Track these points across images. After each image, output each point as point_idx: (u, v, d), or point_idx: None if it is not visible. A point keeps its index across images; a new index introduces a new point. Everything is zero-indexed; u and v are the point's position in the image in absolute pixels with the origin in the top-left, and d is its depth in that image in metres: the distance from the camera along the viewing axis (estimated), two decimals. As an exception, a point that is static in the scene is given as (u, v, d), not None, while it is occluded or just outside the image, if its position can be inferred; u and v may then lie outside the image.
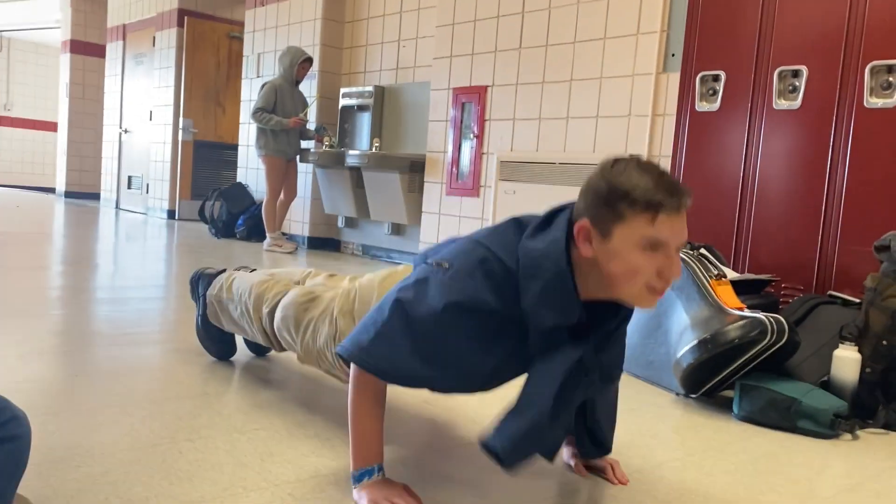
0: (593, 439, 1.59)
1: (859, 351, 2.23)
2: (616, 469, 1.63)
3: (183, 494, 1.37)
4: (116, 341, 2.56)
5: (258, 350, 2.49)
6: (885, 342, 2.20)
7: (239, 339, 2.42)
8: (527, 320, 1.30)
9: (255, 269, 2.37)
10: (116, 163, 9.58)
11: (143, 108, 8.87)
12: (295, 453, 1.63)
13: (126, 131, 9.34)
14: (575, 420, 1.56)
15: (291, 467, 1.54)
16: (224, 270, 2.34)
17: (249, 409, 1.93)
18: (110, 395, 1.96)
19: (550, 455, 1.36)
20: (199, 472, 1.48)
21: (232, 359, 2.41)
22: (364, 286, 1.75)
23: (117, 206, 9.60)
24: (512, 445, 1.29)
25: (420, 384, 1.41)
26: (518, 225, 1.37)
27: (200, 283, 2.35)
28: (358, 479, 1.38)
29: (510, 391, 1.45)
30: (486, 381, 1.41)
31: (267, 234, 6.00)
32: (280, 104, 5.77)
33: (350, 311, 1.71)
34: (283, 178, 5.90)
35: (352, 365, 1.39)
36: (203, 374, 2.22)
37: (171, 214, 8.34)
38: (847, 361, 2.22)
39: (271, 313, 1.97)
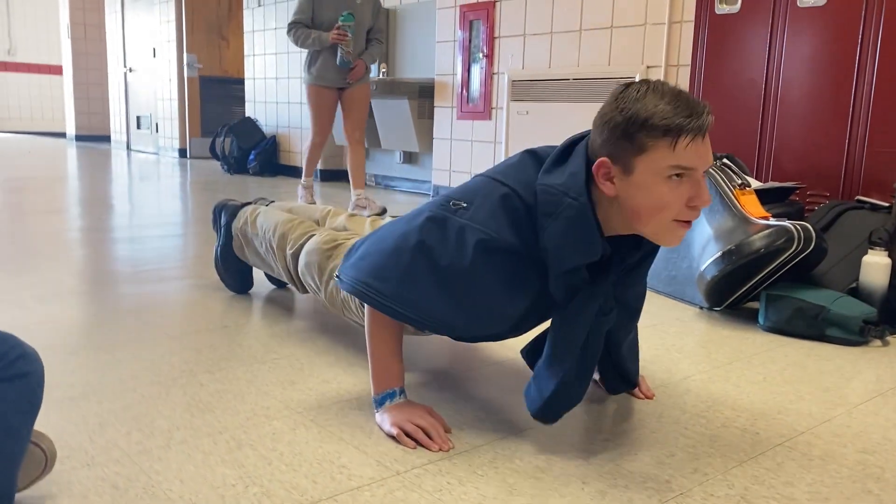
0: (620, 374, 1.55)
1: (889, 256, 2.16)
2: (642, 384, 1.61)
3: (205, 425, 1.36)
4: (135, 279, 2.56)
5: (278, 281, 2.47)
6: (916, 245, 2.13)
7: (257, 273, 2.40)
8: (546, 260, 1.25)
9: (272, 201, 2.34)
10: (124, 103, 9.48)
11: (146, 45, 8.71)
12: (316, 380, 1.62)
13: (131, 70, 9.20)
14: (601, 358, 1.53)
15: (313, 394, 1.53)
16: (248, 203, 2.31)
17: (269, 339, 1.91)
18: (129, 331, 1.95)
19: (577, 403, 1.35)
20: (221, 403, 1.47)
21: (250, 291, 2.39)
22: None
23: (128, 148, 9.55)
24: (548, 407, 1.30)
25: (445, 329, 1.36)
26: (534, 158, 1.31)
27: (223, 213, 2.32)
28: (380, 402, 1.37)
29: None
30: (513, 328, 1.37)
31: (353, 192, 4.43)
32: (319, 14, 4.17)
33: None
34: (327, 113, 4.30)
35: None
36: (222, 308, 2.21)
37: (182, 153, 8.29)
38: (876, 267, 2.16)
39: (295, 256, 1.94)
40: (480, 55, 4.68)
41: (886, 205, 2.36)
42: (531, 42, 4.35)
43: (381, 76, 5.46)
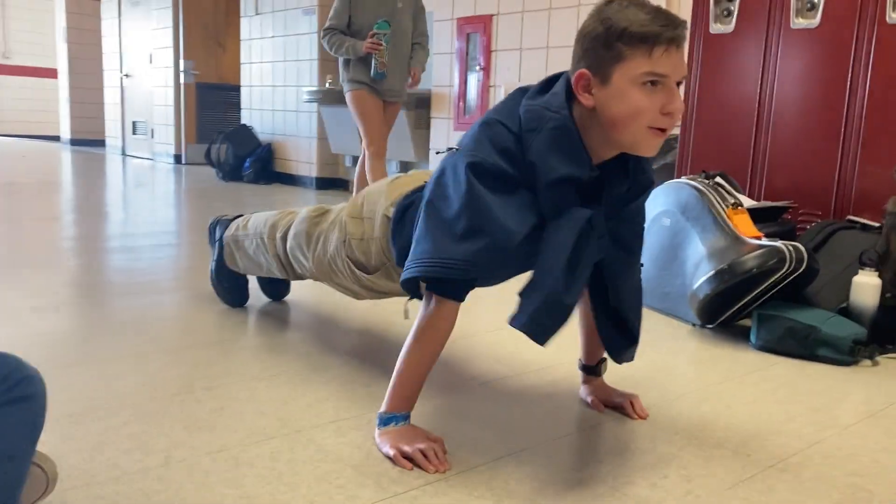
0: (621, 329, 1.51)
1: (879, 276, 2.19)
2: (635, 403, 1.62)
3: (204, 444, 1.37)
4: (130, 290, 2.56)
5: (274, 294, 2.48)
6: (906, 267, 2.16)
7: (253, 288, 2.41)
8: (537, 178, 1.28)
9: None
10: (120, 108, 9.47)
11: (143, 51, 8.72)
12: (313, 398, 1.63)
13: (127, 76, 9.20)
14: (599, 318, 1.50)
15: (310, 412, 1.55)
16: (241, 215, 2.33)
17: (266, 355, 1.93)
18: (126, 345, 1.96)
19: (564, 324, 1.32)
20: (220, 421, 1.48)
21: (246, 306, 2.40)
22: (372, 189, 1.74)
23: (123, 153, 9.53)
24: (534, 321, 1.29)
25: (461, 265, 1.29)
26: (522, 92, 1.37)
27: (218, 228, 2.34)
28: (385, 422, 1.38)
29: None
30: (525, 254, 1.33)
31: None
32: (356, 19, 3.77)
33: (359, 215, 1.71)
34: (377, 116, 3.87)
35: (424, 300, 1.37)
36: (218, 322, 2.22)
37: (177, 159, 8.29)
38: (867, 287, 2.19)
39: (284, 237, 1.97)
40: (477, 67, 4.71)
41: (877, 225, 2.39)
42: (527, 56, 4.38)
43: (377, 86, 5.48)
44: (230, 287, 2.35)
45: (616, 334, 1.52)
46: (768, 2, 2.83)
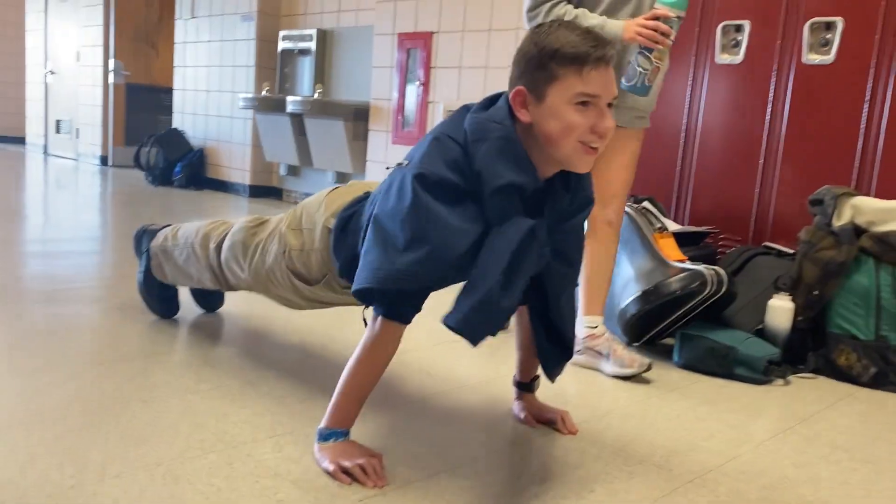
0: (557, 340, 1.55)
1: (792, 300, 2.33)
2: (566, 419, 1.69)
3: (140, 458, 1.36)
4: (53, 298, 2.49)
5: (207, 305, 2.45)
6: (816, 292, 2.31)
7: (185, 299, 2.38)
8: (483, 186, 1.31)
9: (199, 224, 2.34)
10: (43, 106, 9.12)
11: (70, 48, 8.43)
12: (249, 412, 1.63)
13: (52, 73, 8.88)
14: (536, 331, 1.55)
15: (248, 427, 1.55)
16: (169, 225, 2.29)
17: (200, 367, 1.91)
18: (52, 356, 1.91)
19: (498, 327, 1.38)
20: (156, 434, 1.47)
21: (177, 316, 2.37)
22: (310, 201, 1.76)
23: (46, 152, 9.18)
24: (466, 320, 1.31)
25: (416, 279, 1.31)
26: (466, 109, 1.42)
27: (145, 238, 2.30)
28: (325, 437, 1.40)
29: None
30: (470, 263, 1.35)
31: (583, 321, 2.17)
32: None
33: (298, 226, 1.72)
34: (624, 174, 2.17)
35: (370, 320, 1.39)
36: (150, 333, 2.19)
37: (103, 161, 8.03)
38: (781, 310, 2.33)
39: (218, 248, 1.96)
40: (417, 82, 4.76)
41: (791, 252, 2.54)
42: (467, 74, 4.45)
43: (315, 96, 5.46)
44: (160, 298, 2.31)
45: (551, 347, 1.57)
46: (696, 37, 2.98)
